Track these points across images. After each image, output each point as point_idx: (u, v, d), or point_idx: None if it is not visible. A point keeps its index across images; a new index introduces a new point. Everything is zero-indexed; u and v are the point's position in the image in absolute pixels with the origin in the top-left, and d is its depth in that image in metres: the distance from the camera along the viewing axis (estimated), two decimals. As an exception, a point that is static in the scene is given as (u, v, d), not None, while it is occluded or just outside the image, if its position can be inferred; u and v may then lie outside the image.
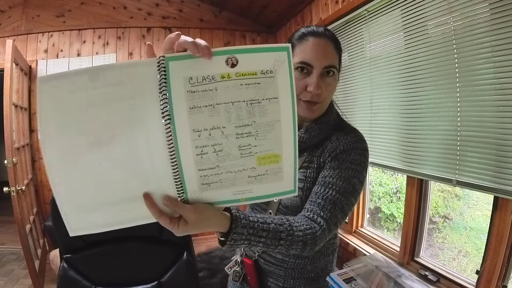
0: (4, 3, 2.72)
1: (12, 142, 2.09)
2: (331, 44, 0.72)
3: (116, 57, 2.96)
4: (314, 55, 0.69)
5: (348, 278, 1.49)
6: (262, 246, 0.58)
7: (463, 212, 1.83)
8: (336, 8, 1.99)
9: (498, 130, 1.07)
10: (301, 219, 0.64)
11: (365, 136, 0.76)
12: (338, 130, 0.78)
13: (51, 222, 1.08)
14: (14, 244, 2.88)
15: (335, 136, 0.77)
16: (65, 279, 0.96)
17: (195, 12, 3.13)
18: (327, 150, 0.75)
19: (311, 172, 0.76)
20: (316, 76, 0.70)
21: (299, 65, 0.70)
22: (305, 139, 0.76)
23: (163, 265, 1.01)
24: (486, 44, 1.08)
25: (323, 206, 0.66)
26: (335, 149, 0.74)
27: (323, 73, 0.71)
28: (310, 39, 0.71)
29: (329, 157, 0.74)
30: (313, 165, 0.77)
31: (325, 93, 0.72)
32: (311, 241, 0.61)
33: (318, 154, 0.77)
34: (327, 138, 0.77)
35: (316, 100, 0.72)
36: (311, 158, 0.78)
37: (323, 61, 0.70)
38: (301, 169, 0.78)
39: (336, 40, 0.74)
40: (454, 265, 1.62)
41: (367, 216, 2.10)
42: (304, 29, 0.73)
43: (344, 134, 0.76)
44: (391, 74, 1.56)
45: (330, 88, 0.73)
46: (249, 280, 0.88)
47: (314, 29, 0.72)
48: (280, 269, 0.84)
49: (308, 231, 0.62)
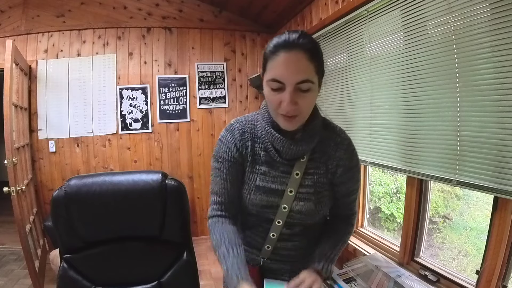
0: (4, 3, 2.72)
1: (12, 142, 2.09)
2: (305, 55, 0.66)
3: (116, 57, 2.96)
4: (285, 71, 0.66)
5: (348, 278, 1.49)
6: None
7: (463, 212, 1.83)
8: (336, 8, 1.99)
9: (498, 130, 1.07)
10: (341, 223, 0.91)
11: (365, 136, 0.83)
12: (327, 130, 0.83)
13: (51, 222, 1.08)
14: (14, 244, 2.88)
15: (331, 140, 0.82)
16: (65, 279, 0.96)
17: (195, 12, 3.13)
18: (333, 159, 0.81)
19: (318, 177, 0.81)
20: (289, 93, 0.67)
21: (271, 83, 0.69)
22: (304, 148, 0.78)
23: (163, 265, 1.01)
24: (486, 44, 1.08)
25: (353, 207, 0.92)
26: (341, 159, 0.81)
27: (297, 89, 0.68)
28: (281, 53, 0.67)
29: (338, 168, 0.82)
30: (319, 171, 0.81)
31: (302, 106, 0.70)
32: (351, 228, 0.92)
33: (323, 161, 0.82)
34: (322, 140, 0.82)
35: (293, 114, 0.70)
36: (316, 164, 0.81)
37: (295, 77, 0.66)
38: (308, 175, 0.81)
39: (311, 49, 0.67)
40: (454, 265, 1.62)
41: (367, 216, 2.10)
42: (276, 41, 0.69)
43: (338, 136, 0.82)
44: (391, 74, 1.56)
45: (307, 100, 0.70)
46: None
47: (286, 39, 0.68)
48: (286, 264, 0.88)
49: (349, 227, 0.91)
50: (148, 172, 1.00)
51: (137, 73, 3.03)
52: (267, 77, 0.70)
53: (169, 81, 3.08)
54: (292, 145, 0.76)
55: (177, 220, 0.99)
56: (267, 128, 0.79)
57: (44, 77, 2.81)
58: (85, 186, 0.94)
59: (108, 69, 2.96)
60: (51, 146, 2.85)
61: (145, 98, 3.03)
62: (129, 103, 3.00)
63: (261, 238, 0.87)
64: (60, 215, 0.94)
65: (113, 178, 0.97)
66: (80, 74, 2.90)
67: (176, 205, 0.99)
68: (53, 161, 2.86)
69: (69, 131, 2.89)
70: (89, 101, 2.92)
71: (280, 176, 0.81)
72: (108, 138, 2.98)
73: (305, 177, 0.80)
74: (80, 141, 2.92)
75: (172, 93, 3.09)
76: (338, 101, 2.07)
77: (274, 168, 0.82)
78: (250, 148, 0.83)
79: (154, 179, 0.97)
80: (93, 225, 0.96)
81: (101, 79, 2.95)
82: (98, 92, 2.94)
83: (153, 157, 3.09)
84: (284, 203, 0.80)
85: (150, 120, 3.05)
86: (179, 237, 1.01)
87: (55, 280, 1.04)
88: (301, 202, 0.80)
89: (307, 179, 0.80)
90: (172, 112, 3.10)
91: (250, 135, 0.83)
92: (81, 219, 0.94)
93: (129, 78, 3.01)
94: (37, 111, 2.80)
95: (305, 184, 0.80)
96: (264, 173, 0.82)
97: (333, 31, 2.08)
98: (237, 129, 0.84)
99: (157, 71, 3.07)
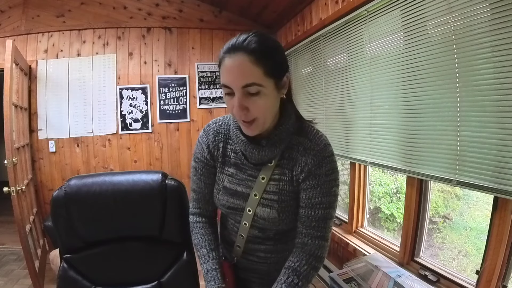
0: (4, 3, 2.72)
1: (12, 142, 2.09)
2: (248, 58, 0.64)
3: (116, 57, 2.96)
4: (229, 77, 0.66)
5: (348, 278, 1.49)
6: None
7: (463, 212, 1.83)
8: (336, 8, 1.99)
9: (498, 130, 1.07)
10: (299, 255, 0.77)
11: (365, 136, 0.77)
12: (301, 136, 0.78)
13: (51, 222, 1.08)
14: (14, 244, 2.88)
15: (301, 146, 0.76)
16: (65, 279, 0.96)
17: (195, 12, 3.13)
18: (298, 165, 0.76)
19: (283, 184, 0.78)
20: (238, 98, 0.66)
21: (223, 88, 0.69)
22: (267, 153, 0.76)
23: (163, 265, 1.01)
24: (486, 44, 1.08)
25: (318, 227, 0.75)
26: (307, 164, 0.75)
27: (245, 93, 0.66)
28: (225, 60, 0.67)
29: (302, 174, 0.75)
30: (285, 178, 0.78)
31: (254, 111, 0.67)
32: (318, 263, 0.77)
33: (289, 167, 0.77)
34: (292, 146, 0.77)
35: (246, 119, 0.69)
36: (282, 170, 0.78)
37: (239, 82, 0.65)
38: (273, 181, 0.78)
39: (255, 51, 0.64)
40: (454, 265, 1.62)
41: (367, 216, 2.10)
42: (225, 46, 0.70)
43: (310, 141, 0.76)
44: (391, 74, 1.56)
45: (258, 104, 0.67)
46: (227, 282, 0.87)
47: (232, 42, 0.68)
48: (263, 265, 0.87)
49: (310, 260, 0.76)
50: (148, 172, 1.00)
51: (137, 73, 3.03)
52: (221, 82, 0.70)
53: (169, 81, 3.08)
54: (255, 150, 0.76)
55: (177, 220, 0.99)
56: (235, 131, 0.80)
57: (44, 77, 2.81)
58: (85, 186, 0.94)
59: (108, 69, 2.95)
60: (51, 146, 2.84)
61: (145, 98, 3.03)
62: (129, 103, 3.00)
63: (234, 238, 0.88)
64: (60, 215, 0.94)
65: (113, 178, 0.97)
66: (80, 74, 2.90)
67: (176, 205, 0.99)
68: (53, 161, 2.86)
69: (69, 131, 2.89)
70: (89, 101, 2.92)
71: (246, 179, 0.81)
72: (108, 138, 2.98)
73: (270, 183, 0.78)
74: (80, 141, 2.92)
75: (172, 93, 3.09)
76: (338, 101, 2.07)
77: (242, 171, 0.82)
78: (222, 149, 0.84)
79: (154, 179, 0.97)
80: (93, 225, 0.96)
81: (101, 79, 2.95)
82: (98, 92, 2.94)
83: (153, 157, 3.09)
84: (249, 206, 0.80)
85: (150, 120, 3.05)
86: (179, 237, 1.01)
87: (55, 280, 1.04)
88: (264, 208, 0.78)
89: (272, 185, 0.78)
90: (172, 112, 3.10)
91: (224, 136, 0.84)
92: (81, 219, 0.94)
93: (129, 78, 3.01)
94: (37, 111, 2.80)
95: (270, 190, 0.78)
96: (232, 175, 0.83)
97: (333, 31, 2.08)
98: (212, 130, 0.85)
99: (157, 71, 3.07)
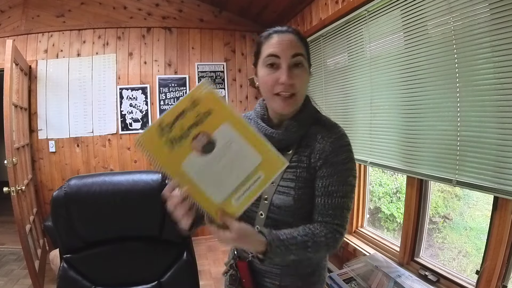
0: (4, 3, 2.72)
1: (12, 142, 2.09)
2: (295, 37, 0.75)
3: (116, 57, 2.96)
4: (280, 46, 0.73)
5: (348, 278, 1.49)
6: (294, 256, 0.69)
7: (463, 212, 1.83)
8: (336, 8, 1.99)
9: (498, 130, 1.07)
10: (320, 226, 0.74)
11: (365, 136, 0.78)
12: (319, 125, 0.81)
13: (51, 222, 1.08)
14: (14, 244, 2.88)
15: (319, 134, 0.78)
16: (65, 279, 0.96)
17: (195, 12, 3.13)
18: (316, 151, 0.77)
19: (301, 171, 0.78)
20: (286, 67, 0.73)
21: (268, 59, 0.74)
22: (284, 137, 0.78)
23: (163, 265, 1.01)
24: (486, 44, 1.08)
25: (334, 215, 0.75)
26: (324, 151, 0.76)
27: (291, 65, 0.73)
28: (274, 35, 0.75)
29: (319, 161, 0.76)
30: (302, 165, 0.78)
31: (297, 83, 0.74)
32: (332, 243, 0.73)
33: (306, 154, 0.79)
34: (310, 135, 0.80)
35: (290, 91, 0.73)
36: (299, 158, 0.79)
37: (290, 51, 0.73)
38: (291, 168, 0.79)
39: (300, 35, 0.77)
40: (454, 265, 1.62)
41: (367, 216, 2.10)
42: (270, 30, 0.78)
43: (327, 130, 0.79)
44: (391, 74, 1.56)
45: (301, 78, 0.75)
46: (244, 282, 0.87)
47: (278, 28, 0.77)
48: (276, 267, 0.85)
49: (329, 235, 0.73)
50: (148, 172, 1.00)
51: (137, 73, 3.03)
52: (263, 56, 0.76)
53: (169, 81, 3.08)
54: (275, 134, 0.78)
55: (177, 220, 0.99)
56: (256, 119, 0.83)
57: (44, 77, 2.81)
58: (85, 186, 0.94)
59: (108, 69, 2.95)
60: (51, 146, 2.85)
61: (145, 98, 3.03)
62: (129, 103, 3.00)
63: None
64: (60, 215, 0.94)
65: (113, 178, 0.97)
66: (80, 74, 2.90)
67: (176, 205, 0.99)
68: (53, 161, 2.86)
69: (69, 131, 2.89)
70: (89, 101, 2.92)
71: None
72: (108, 138, 2.98)
73: (288, 170, 0.79)
74: (80, 141, 2.92)
75: (172, 93, 3.09)
76: (338, 101, 2.07)
77: None
78: None
79: (154, 179, 0.97)
80: (93, 225, 0.96)
81: (101, 79, 2.95)
82: (98, 92, 2.94)
83: (153, 157, 3.09)
84: (265, 193, 0.80)
85: (150, 120, 3.05)
86: (179, 237, 1.01)
87: (55, 280, 1.04)
88: (280, 196, 0.79)
89: (289, 172, 0.79)
90: (172, 112, 3.10)
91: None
92: (81, 219, 0.94)
93: (129, 78, 3.01)
94: (37, 111, 2.80)
95: (287, 178, 0.79)
96: None
97: (333, 31, 2.08)
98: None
99: (157, 71, 3.07)
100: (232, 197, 0.61)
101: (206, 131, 0.59)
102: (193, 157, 0.59)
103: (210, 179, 0.60)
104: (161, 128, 0.57)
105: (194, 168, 0.59)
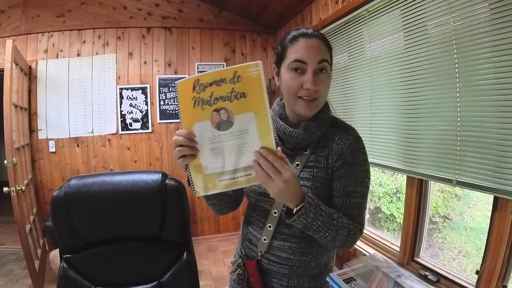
0: (4, 3, 2.72)
1: (12, 142, 2.09)
2: (322, 42, 0.76)
3: (116, 57, 2.96)
4: (307, 52, 0.73)
5: (348, 278, 1.49)
6: (319, 225, 0.69)
7: (463, 212, 1.83)
8: (336, 8, 1.99)
9: (498, 130, 1.07)
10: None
11: (365, 136, 0.78)
12: (336, 127, 0.82)
13: (51, 222, 1.08)
14: (14, 244, 2.89)
15: (337, 135, 0.80)
16: (65, 279, 0.96)
17: (195, 12, 3.13)
18: (334, 153, 0.79)
19: (318, 171, 0.80)
20: (311, 73, 0.73)
21: (293, 64, 0.74)
22: (305, 136, 0.78)
23: (163, 265, 1.01)
24: (486, 44, 1.08)
25: (353, 215, 0.77)
26: (343, 152, 0.78)
27: (316, 70, 0.74)
28: (301, 40, 0.75)
29: (338, 161, 0.78)
30: (319, 165, 0.80)
31: (321, 89, 0.75)
32: (353, 232, 0.74)
33: (324, 154, 0.80)
34: (327, 136, 0.81)
35: (313, 96, 0.74)
36: (317, 158, 0.80)
37: (317, 57, 0.73)
38: (308, 168, 0.80)
39: (325, 39, 0.77)
40: (454, 265, 1.62)
41: (367, 216, 2.10)
42: (295, 32, 0.77)
43: (345, 132, 0.80)
44: (391, 74, 1.56)
45: (325, 84, 0.76)
46: (252, 282, 0.87)
47: (304, 31, 0.77)
48: (285, 267, 0.85)
49: (351, 226, 0.74)
50: (148, 172, 1.00)
51: (137, 73, 3.03)
52: (288, 60, 0.75)
53: (169, 81, 3.08)
54: (293, 133, 0.79)
55: (177, 220, 0.99)
56: (275, 118, 0.84)
57: (44, 77, 2.81)
58: (85, 186, 0.94)
59: (108, 69, 2.96)
60: (51, 146, 2.85)
61: (145, 98, 3.03)
62: (129, 103, 3.00)
63: (259, 233, 0.87)
64: (60, 215, 0.94)
65: (113, 178, 0.97)
66: (80, 74, 2.90)
67: (176, 205, 0.99)
68: (53, 161, 2.86)
69: (69, 131, 2.89)
70: (89, 101, 2.92)
71: None
72: (108, 138, 2.98)
73: (304, 170, 0.80)
74: (80, 141, 2.92)
75: (172, 93, 3.09)
76: (338, 101, 2.07)
77: None
78: None
79: (154, 179, 0.97)
80: (93, 225, 0.95)
81: (101, 79, 2.95)
82: (98, 92, 2.94)
83: (153, 157, 3.09)
84: None
85: (150, 120, 3.05)
86: (179, 237, 1.01)
87: (55, 280, 1.04)
88: None
89: (306, 172, 0.80)
90: (172, 112, 3.10)
91: None
92: (81, 219, 0.94)
93: (129, 78, 3.01)
94: (37, 111, 2.80)
95: (303, 177, 0.80)
96: None
97: (333, 31, 2.08)
98: None
99: (157, 71, 3.07)
100: (220, 176, 0.62)
101: (231, 110, 0.59)
102: (206, 125, 0.60)
103: (210, 150, 0.61)
104: (197, 84, 0.58)
105: (202, 134, 0.60)
